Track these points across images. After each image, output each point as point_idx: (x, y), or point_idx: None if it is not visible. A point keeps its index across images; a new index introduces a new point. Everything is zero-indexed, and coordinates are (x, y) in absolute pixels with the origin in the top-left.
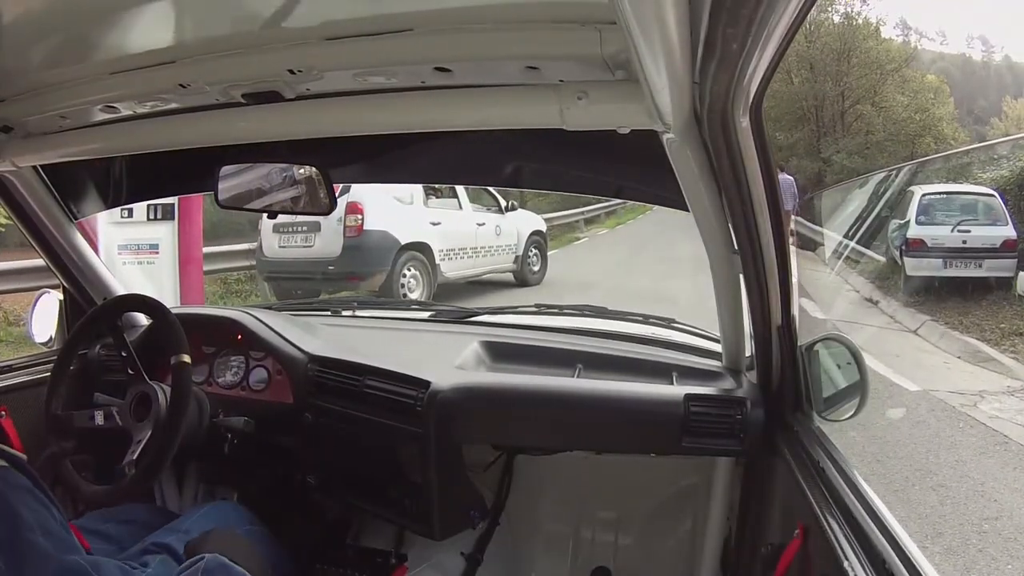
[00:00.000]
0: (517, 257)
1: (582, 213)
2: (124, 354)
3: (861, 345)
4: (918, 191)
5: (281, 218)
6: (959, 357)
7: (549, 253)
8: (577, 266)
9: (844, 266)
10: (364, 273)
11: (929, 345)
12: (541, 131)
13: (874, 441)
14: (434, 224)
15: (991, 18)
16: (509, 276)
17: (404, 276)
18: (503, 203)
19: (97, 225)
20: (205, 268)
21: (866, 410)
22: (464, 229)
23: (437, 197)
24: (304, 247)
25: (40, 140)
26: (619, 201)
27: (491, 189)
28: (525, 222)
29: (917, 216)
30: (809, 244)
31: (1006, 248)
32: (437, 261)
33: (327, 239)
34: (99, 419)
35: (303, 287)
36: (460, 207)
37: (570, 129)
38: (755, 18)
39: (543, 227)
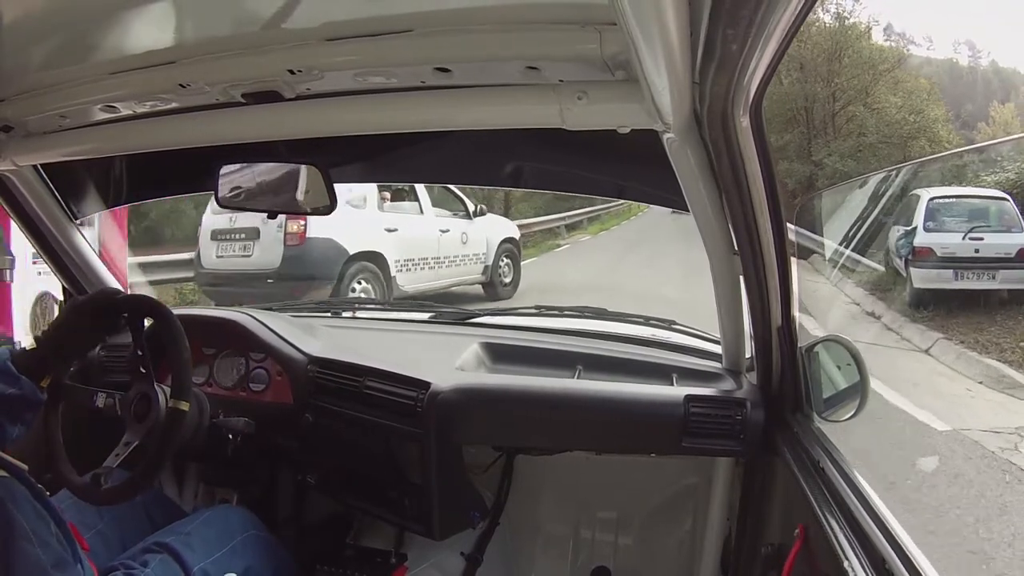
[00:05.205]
0: (486, 267)
1: (563, 219)
2: (140, 352)
3: (872, 371)
4: (924, 194)
5: (219, 225)
6: (981, 382)
7: (526, 261)
8: (554, 276)
9: (840, 276)
10: (306, 286)
11: (945, 368)
12: (541, 131)
13: (908, 506)
14: (389, 231)
15: (977, 22)
16: (478, 288)
17: (353, 290)
18: (471, 207)
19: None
20: (149, 278)
21: (894, 458)
22: (425, 236)
23: (394, 200)
24: (242, 256)
25: (40, 140)
26: (604, 206)
27: (457, 191)
28: (495, 228)
29: (925, 222)
30: (802, 252)
31: (1021, 258)
32: (392, 273)
33: (266, 248)
34: (99, 402)
35: (243, 301)
36: (421, 211)
37: (570, 129)
38: (755, 19)
39: (516, 234)
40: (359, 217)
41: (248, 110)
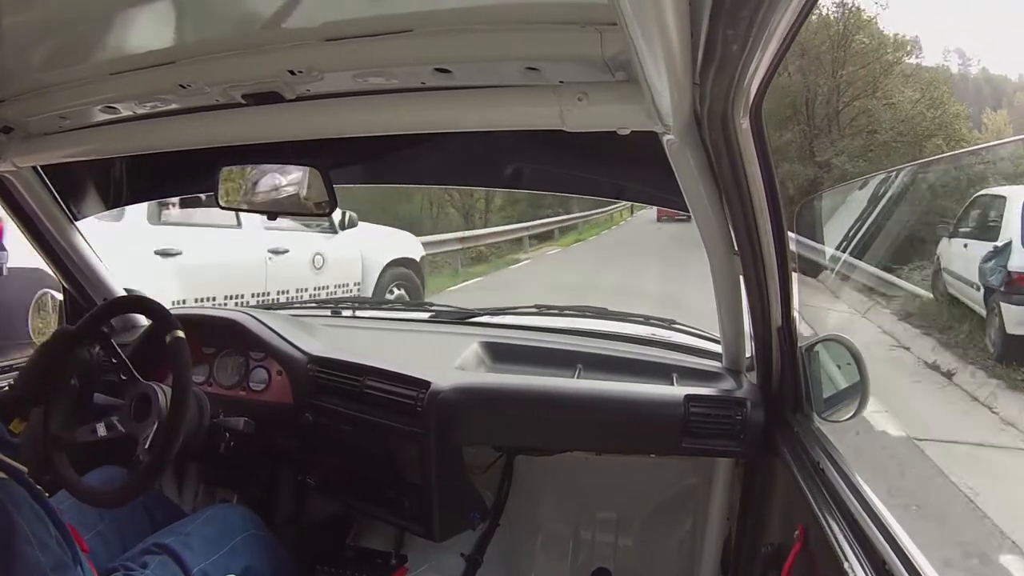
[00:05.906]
0: None
1: (527, 228)
2: (115, 361)
3: (982, 499)
4: (1015, 195)
5: None
6: None
7: (471, 281)
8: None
9: (870, 303)
10: None
11: None
12: (542, 132)
13: None
14: (165, 255)
15: (966, 24)
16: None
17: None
18: (337, 216)
19: None
20: None
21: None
22: (236, 261)
23: (184, 207)
24: None
25: (40, 140)
26: (582, 214)
27: None
28: (380, 246)
29: None
30: (808, 268)
31: None
32: None
33: None
34: (101, 431)
35: None
36: (238, 223)
37: (570, 130)
38: (755, 19)
39: (417, 253)
40: (107, 235)
41: (248, 111)
